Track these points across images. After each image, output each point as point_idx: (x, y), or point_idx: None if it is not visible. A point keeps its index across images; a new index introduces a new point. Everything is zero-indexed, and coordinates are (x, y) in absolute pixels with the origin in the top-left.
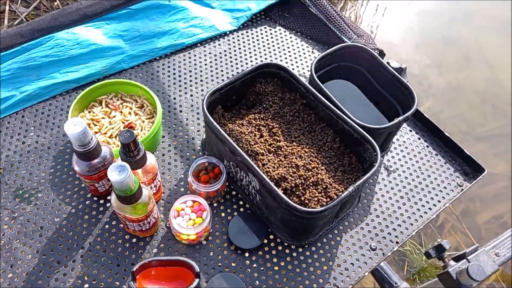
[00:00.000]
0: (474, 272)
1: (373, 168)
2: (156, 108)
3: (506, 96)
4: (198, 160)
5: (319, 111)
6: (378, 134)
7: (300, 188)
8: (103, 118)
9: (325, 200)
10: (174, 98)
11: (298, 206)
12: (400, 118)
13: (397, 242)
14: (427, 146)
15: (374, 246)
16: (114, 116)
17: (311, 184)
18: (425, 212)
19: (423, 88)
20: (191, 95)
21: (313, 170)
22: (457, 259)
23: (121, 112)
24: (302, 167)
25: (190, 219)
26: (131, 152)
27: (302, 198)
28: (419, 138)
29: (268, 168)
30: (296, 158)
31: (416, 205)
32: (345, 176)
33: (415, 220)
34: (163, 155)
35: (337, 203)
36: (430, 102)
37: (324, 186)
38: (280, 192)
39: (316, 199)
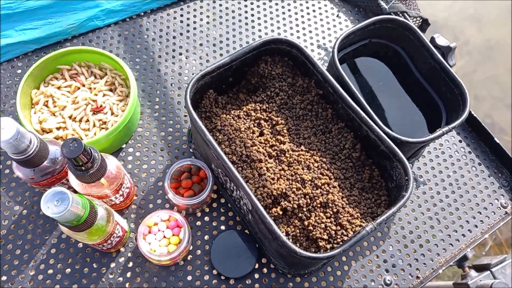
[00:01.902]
0: None
1: (403, 199)
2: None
3: None
4: (179, 162)
5: (338, 108)
6: (411, 147)
7: (304, 209)
8: (63, 95)
9: (334, 228)
10: (159, 70)
11: (297, 249)
12: (444, 129)
13: (417, 277)
14: (469, 152)
15: (389, 280)
16: (77, 97)
17: (319, 205)
18: (457, 240)
19: (458, 44)
20: (181, 67)
21: (323, 187)
22: (479, 269)
23: (89, 88)
24: (309, 183)
25: (164, 237)
26: (82, 166)
27: (306, 223)
28: (460, 141)
29: (267, 179)
30: (302, 168)
31: (447, 230)
32: (363, 196)
33: (443, 249)
34: (140, 146)
35: (348, 247)
36: (464, 60)
37: (335, 210)
38: (275, 227)
39: (323, 225)
